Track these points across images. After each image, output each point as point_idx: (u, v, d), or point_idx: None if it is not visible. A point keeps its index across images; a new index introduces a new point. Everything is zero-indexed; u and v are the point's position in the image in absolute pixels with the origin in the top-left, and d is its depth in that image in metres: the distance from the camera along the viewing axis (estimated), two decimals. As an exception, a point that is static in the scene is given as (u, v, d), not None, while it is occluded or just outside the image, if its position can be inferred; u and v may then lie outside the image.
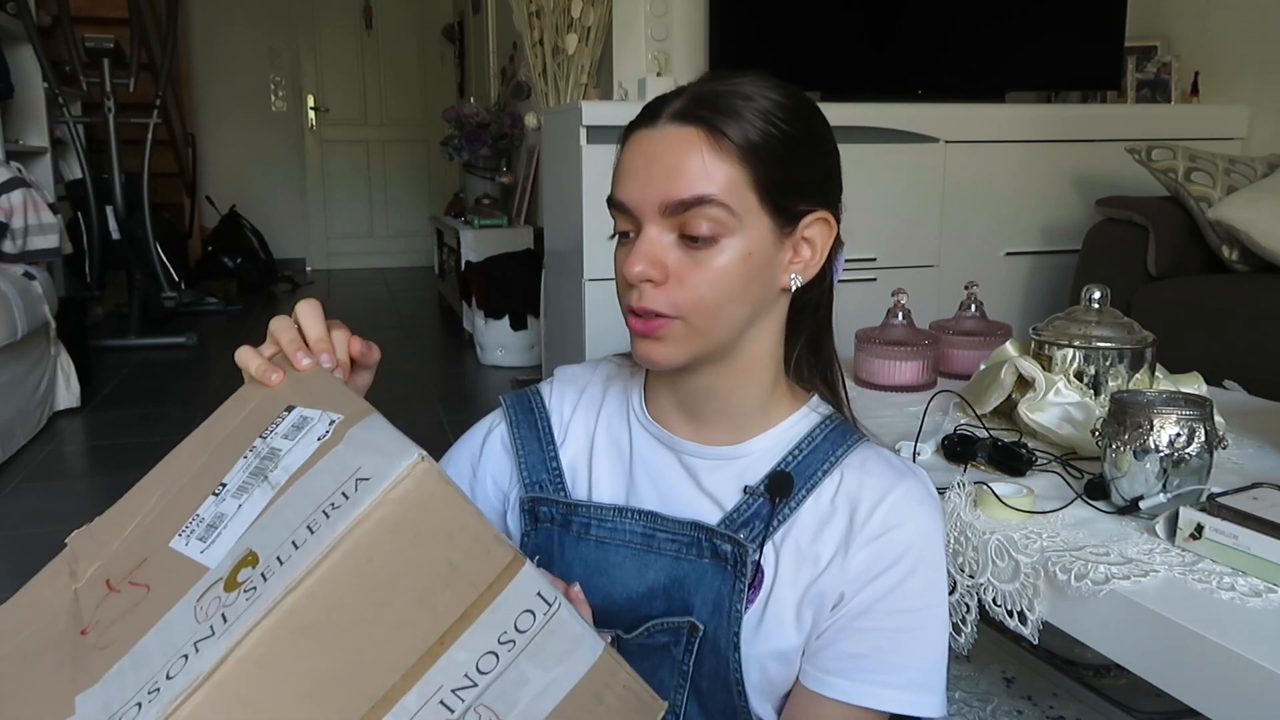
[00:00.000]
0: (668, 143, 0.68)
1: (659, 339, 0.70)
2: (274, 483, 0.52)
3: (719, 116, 0.67)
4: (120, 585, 0.55)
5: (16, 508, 2.33)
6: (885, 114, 2.55)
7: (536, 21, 3.00)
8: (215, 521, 0.53)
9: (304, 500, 0.49)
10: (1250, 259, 2.23)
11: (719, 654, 0.73)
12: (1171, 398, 0.88)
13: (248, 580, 0.46)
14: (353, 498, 0.46)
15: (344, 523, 0.45)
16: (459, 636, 0.48)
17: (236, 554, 0.49)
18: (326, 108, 6.76)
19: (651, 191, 0.68)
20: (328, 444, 0.52)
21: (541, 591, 0.50)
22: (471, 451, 0.86)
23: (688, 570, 0.74)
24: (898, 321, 1.37)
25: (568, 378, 0.87)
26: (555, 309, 2.82)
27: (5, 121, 3.69)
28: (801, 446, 0.76)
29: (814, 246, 0.73)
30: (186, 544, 0.53)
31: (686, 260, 0.69)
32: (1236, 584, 0.72)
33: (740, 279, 0.69)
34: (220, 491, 0.55)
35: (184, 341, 4.11)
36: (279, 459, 0.54)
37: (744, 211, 0.68)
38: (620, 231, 0.72)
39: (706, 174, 0.67)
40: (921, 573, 0.72)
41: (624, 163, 0.71)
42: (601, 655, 0.53)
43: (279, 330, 0.66)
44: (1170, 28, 3.01)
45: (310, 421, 0.55)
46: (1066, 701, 1.20)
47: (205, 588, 0.48)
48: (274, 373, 0.64)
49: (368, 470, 0.47)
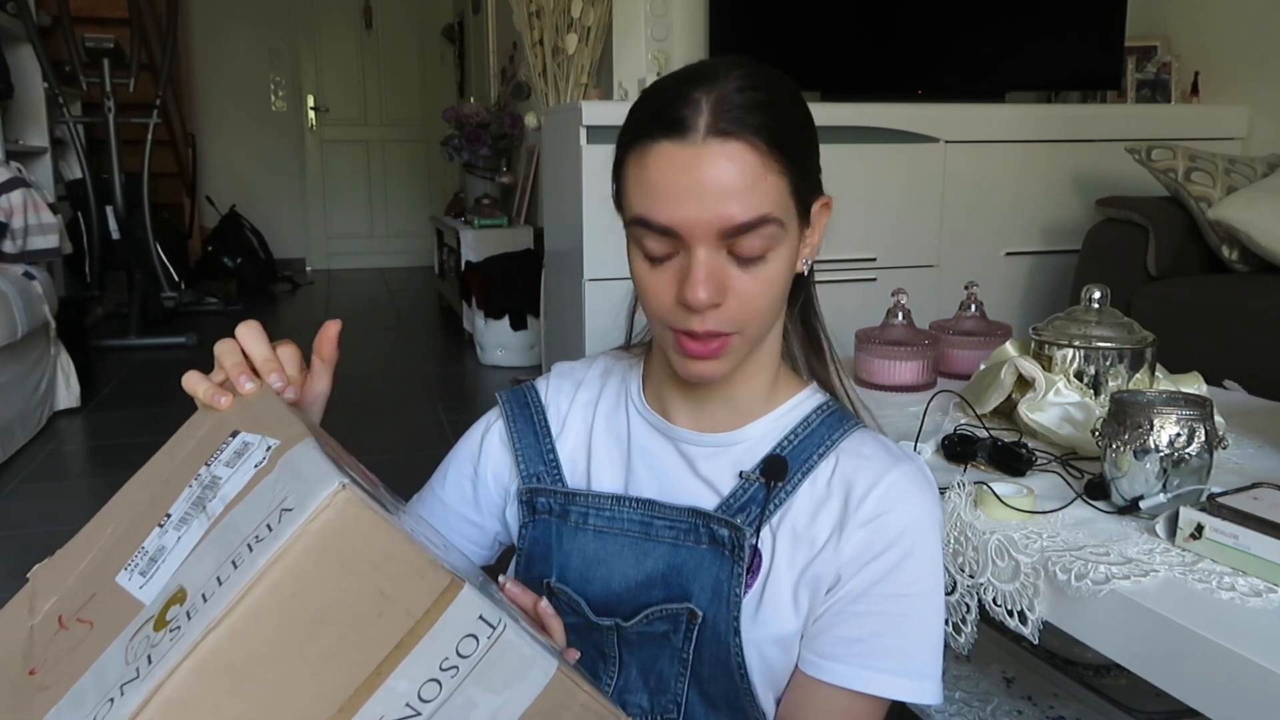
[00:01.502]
0: (715, 161, 0.64)
1: (719, 359, 0.70)
2: (211, 513, 0.51)
3: (751, 123, 0.65)
4: (70, 622, 0.53)
5: (16, 508, 2.33)
6: (885, 114, 2.55)
7: (536, 21, 3.00)
8: (157, 555, 0.52)
9: (234, 533, 0.48)
10: (1250, 259, 2.23)
11: (719, 640, 0.73)
12: (1171, 398, 0.88)
13: (174, 619, 0.45)
14: (275, 530, 0.45)
15: (264, 557, 0.43)
16: (397, 665, 0.46)
17: (169, 590, 0.48)
18: (326, 108, 6.76)
19: (708, 214, 0.65)
20: (263, 471, 0.51)
21: (484, 614, 0.48)
22: (471, 451, 0.87)
23: (685, 557, 0.75)
24: (898, 321, 1.37)
25: (564, 372, 0.87)
26: (555, 309, 2.82)
27: (5, 121, 3.69)
28: (797, 431, 0.76)
29: (816, 229, 0.74)
30: (130, 578, 0.52)
31: (742, 277, 0.68)
32: (1236, 584, 0.72)
33: (784, 283, 0.71)
34: (165, 523, 0.54)
35: (184, 341, 4.11)
36: (219, 488, 0.53)
37: (788, 220, 0.68)
38: (653, 256, 0.69)
39: (762, 191, 0.65)
40: (917, 557, 0.73)
41: (658, 182, 0.66)
42: (555, 675, 0.52)
43: (223, 354, 0.65)
44: (1170, 28, 3.01)
45: (250, 448, 0.54)
46: (1066, 701, 1.20)
47: (138, 627, 0.47)
48: (222, 396, 0.62)
49: (292, 500, 0.46)
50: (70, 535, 0.62)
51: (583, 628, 0.77)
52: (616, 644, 0.77)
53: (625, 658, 0.77)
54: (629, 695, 0.77)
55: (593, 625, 0.77)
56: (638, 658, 0.77)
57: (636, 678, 0.77)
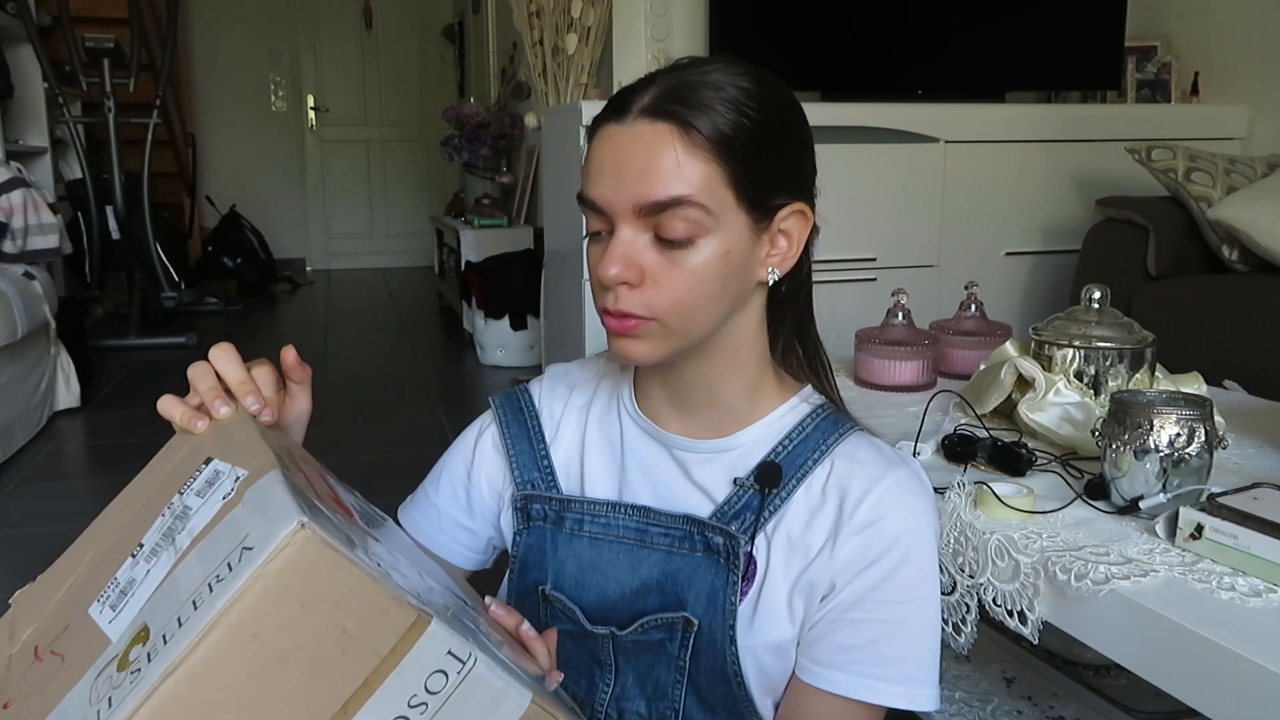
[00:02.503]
0: (639, 140, 0.66)
1: (636, 337, 0.69)
2: (179, 547, 0.50)
3: (690, 110, 0.65)
4: (44, 654, 0.53)
5: (16, 508, 2.33)
6: (885, 114, 2.55)
7: (536, 21, 3.00)
8: (127, 587, 0.51)
9: (197, 569, 0.47)
10: (1250, 259, 2.23)
11: (715, 648, 0.73)
12: (1171, 398, 0.88)
13: (136, 659, 0.45)
14: (235, 569, 0.44)
15: (223, 598, 0.43)
16: (363, 704, 0.46)
17: (135, 627, 0.47)
18: (326, 108, 6.76)
19: (624, 192, 0.66)
20: (230, 503, 0.50)
21: (453, 649, 0.48)
22: (465, 456, 0.86)
23: (680, 565, 0.74)
24: (898, 321, 1.37)
25: (558, 375, 0.87)
26: (555, 309, 2.83)
27: (5, 121, 3.69)
28: (792, 436, 0.76)
29: (791, 238, 0.72)
30: (101, 611, 0.51)
31: (662, 261, 0.67)
32: (1236, 584, 0.72)
33: (718, 278, 0.68)
34: (137, 553, 0.53)
35: (184, 341, 4.10)
36: (189, 519, 0.52)
37: (720, 210, 0.66)
38: (592, 231, 0.70)
39: (680, 173, 0.65)
40: (913, 563, 0.72)
41: (593, 159, 0.69)
42: (529, 707, 0.51)
43: (197, 378, 0.63)
44: (1170, 28, 3.01)
45: (221, 477, 0.54)
46: (1066, 701, 1.20)
47: (103, 666, 0.47)
48: (198, 420, 0.61)
49: (253, 539, 0.45)
50: (70, 535, 0.62)
51: (578, 635, 0.77)
52: (612, 652, 0.76)
53: (621, 665, 0.77)
54: (626, 702, 0.77)
55: (588, 633, 0.76)
56: (634, 665, 0.76)
57: (633, 685, 0.77)
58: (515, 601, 0.80)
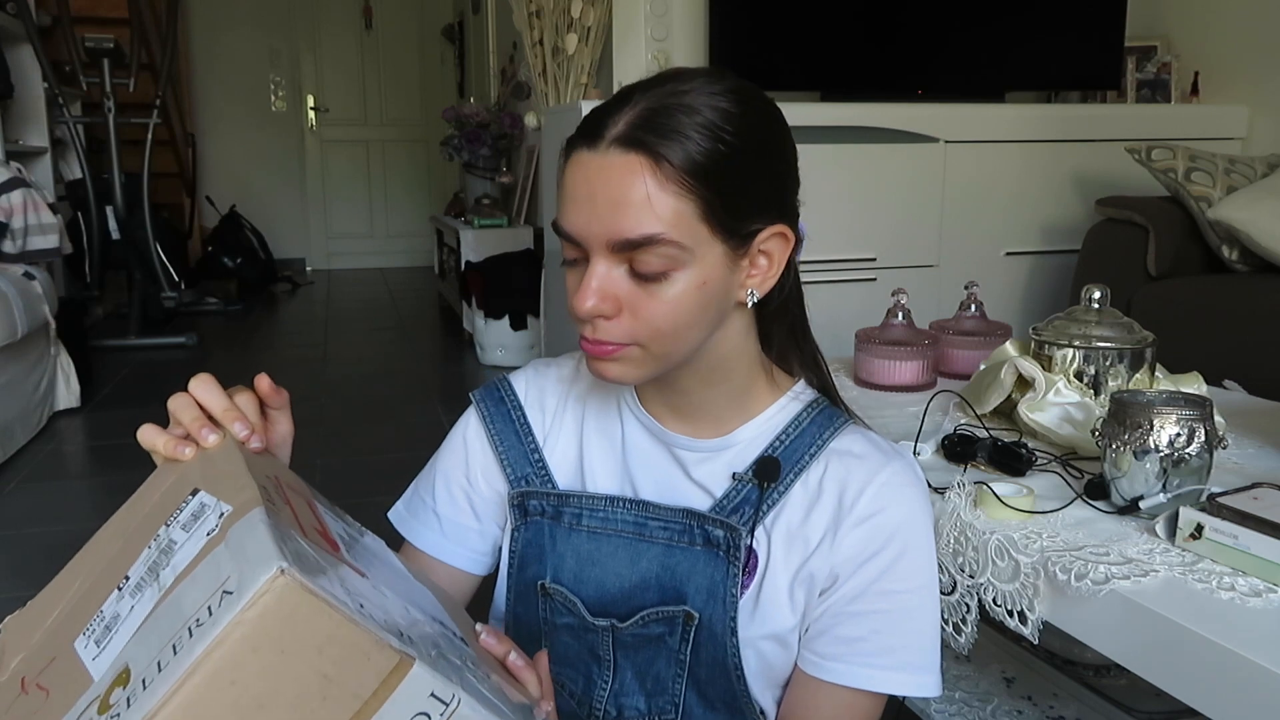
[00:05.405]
0: (611, 173, 0.64)
1: (614, 360, 0.69)
2: (163, 583, 0.50)
3: (662, 141, 0.63)
4: (30, 687, 0.52)
5: (16, 508, 2.32)
6: (885, 114, 2.55)
7: (536, 21, 3.00)
8: (112, 622, 0.51)
9: (178, 611, 0.47)
10: (1250, 259, 2.23)
11: (716, 641, 0.73)
12: (1171, 398, 0.88)
13: (116, 703, 0.44)
14: (215, 614, 0.44)
15: (202, 644, 0.42)
16: None
17: (116, 668, 0.47)
18: (326, 108, 6.76)
19: (597, 226, 0.65)
20: (214, 541, 0.50)
21: (436, 691, 0.47)
22: (458, 458, 0.85)
23: (680, 559, 0.75)
24: (898, 321, 1.37)
25: (544, 369, 0.86)
26: (555, 309, 2.82)
27: (5, 121, 3.69)
28: (788, 431, 0.76)
29: (771, 258, 0.71)
30: (85, 645, 0.51)
31: (639, 292, 0.66)
32: (1236, 584, 0.72)
33: (696, 306, 0.67)
34: (123, 586, 0.53)
35: (184, 341, 4.10)
36: (173, 554, 0.52)
37: (695, 243, 0.65)
38: (569, 259, 0.69)
39: (652, 209, 0.63)
40: (912, 553, 0.73)
41: (566, 187, 0.67)
42: None
43: (179, 410, 0.62)
44: (1170, 28, 3.01)
45: (206, 511, 0.53)
46: (1066, 701, 1.20)
47: (84, 707, 0.46)
48: (185, 446, 0.60)
49: (233, 582, 0.45)
50: (69, 535, 0.62)
51: (578, 629, 0.77)
52: (612, 646, 0.77)
53: (620, 660, 0.77)
54: (625, 698, 0.77)
55: (589, 626, 0.76)
56: (633, 660, 0.77)
57: (632, 680, 0.77)
58: (514, 597, 0.80)
